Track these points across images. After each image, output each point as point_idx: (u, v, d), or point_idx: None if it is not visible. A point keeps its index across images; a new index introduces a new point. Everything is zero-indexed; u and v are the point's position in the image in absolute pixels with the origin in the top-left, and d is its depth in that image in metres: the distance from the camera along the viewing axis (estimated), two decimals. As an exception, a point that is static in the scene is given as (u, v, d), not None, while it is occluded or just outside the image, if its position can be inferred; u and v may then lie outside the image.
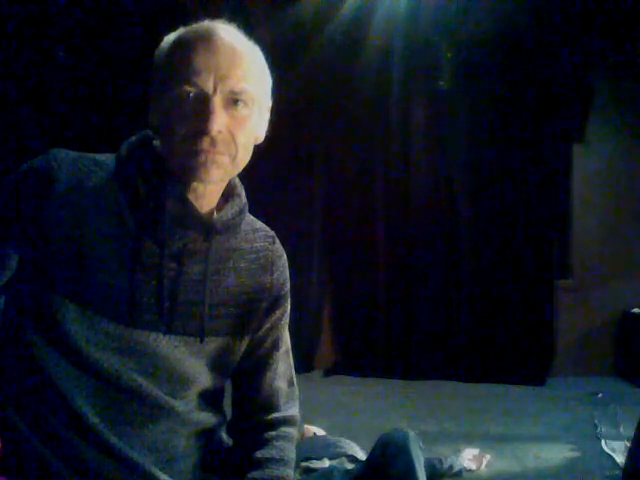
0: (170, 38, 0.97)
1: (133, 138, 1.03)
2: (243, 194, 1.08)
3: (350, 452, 2.26)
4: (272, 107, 1.05)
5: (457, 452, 2.75)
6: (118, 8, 4.05)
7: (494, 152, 4.64)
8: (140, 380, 0.95)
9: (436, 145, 4.72)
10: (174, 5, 3.96)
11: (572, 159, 4.75)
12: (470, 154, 4.67)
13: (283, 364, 1.15)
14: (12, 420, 0.93)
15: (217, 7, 3.84)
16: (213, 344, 1.03)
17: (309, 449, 2.34)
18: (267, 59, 1.01)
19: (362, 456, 2.24)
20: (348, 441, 2.47)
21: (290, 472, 1.08)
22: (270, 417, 1.12)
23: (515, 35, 4.45)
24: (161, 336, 0.97)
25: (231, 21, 0.98)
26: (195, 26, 0.96)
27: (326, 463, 2.18)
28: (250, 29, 1.03)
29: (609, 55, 4.59)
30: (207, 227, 1.00)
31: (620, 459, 2.79)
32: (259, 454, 1.07)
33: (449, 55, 4.54)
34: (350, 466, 2.09)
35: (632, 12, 4.24)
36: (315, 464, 2.16)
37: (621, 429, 3.21)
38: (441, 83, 4.58)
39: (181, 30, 0.97)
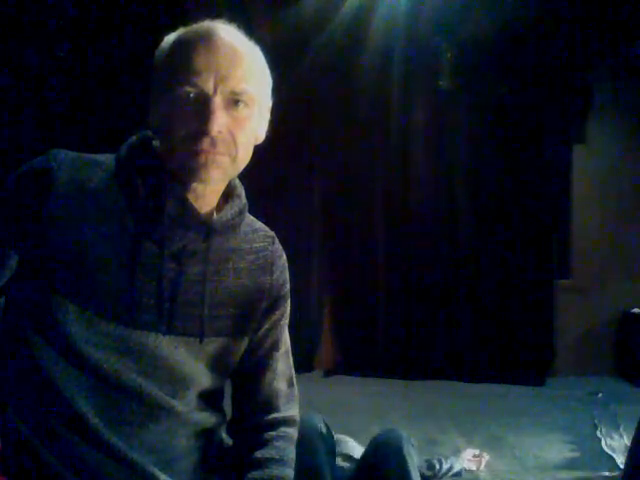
0: (170, 38, 0.97)
1: (133, 138, 1.03)
2: (243, 195, 1.08)
3: (345, 450, 2.24)
4: (272, 107, 1.05)
5: (457, 452, 2.75)
6: (118, 8, 4.05)
7: (494, 152, 4.64)
8: (140, 380, 0.95)
9: (436, 145, 4.72)
10: (174, 5, 3.95)
11: (572, 159, 4.75)
12: (470, 154, 4.67)
13: (283, 364, 1.15)
14: (12, 420, 0.93)
15: (217, 7, 3.84)
16: (213, 344, 1.03)
17: None
18: (267, 59, 1.01)
19: (358, 454, 2.23)
20: (347, 439, 2.45)
21: (290, 472, 1.08)
22: (270, 417, 1.12)
23: (515, 35, 4.44)
24: (161, 336, 0.97)
25: (231, 21, 0.98)
26: (195, 26, 0.96)
27: None
28: (250, 29, 1.03)
29: (609, 55, 4.59)
30: (207, 227, 0.99)
31: (620, 459, 2.79)
32: (259, 454, 1.07)
33: (449, 55, 4.54)
34: (343, 464, 2.07)
35: (632, 12, 4.24)
36: None
37: (621, 429, 3.21)
38: (441, 83, 4.58)
39: (181, 30, 0.97)
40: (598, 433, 3.20)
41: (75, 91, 4.10)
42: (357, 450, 2.31)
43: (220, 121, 0.91)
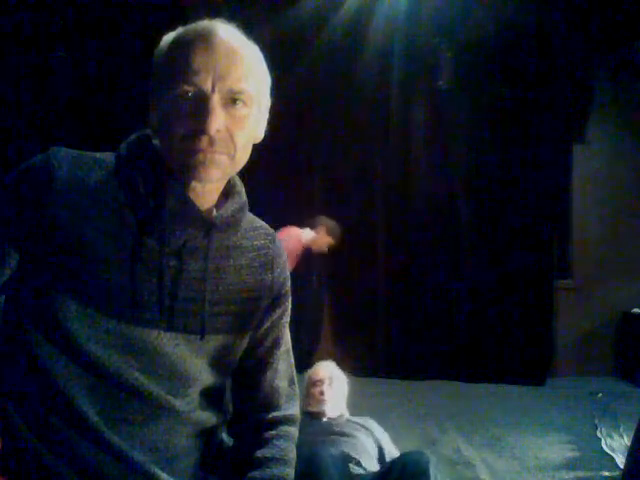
0: (169, 38, 0.97)
1: (133, 137, 1.03)
2: (243, 192, 1.08)
3: (353, 454, 2.11)
4: (272, 107, 1.05)
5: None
6: (118, 7, 4.05)
7: (494, 152, 4.65)
8: (141, 379, 0.95)
9: (436, 145, 4.72)
10: (174, 4, 3.95)
11: (572, 159, 4.75)
12: (470, 154, 4.67)
13: (284, 363, 1.15)
14: (12, 420, 0.92)
15: (217, 7, 3.84)
16: (214, 342, 1.03)
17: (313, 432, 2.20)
18: (267, 59, 1.01)
19: (367, 461, 2.11)
20: (359, 430, 2.32)
21: (291, 472, 1.08)
22: (270, 416, 1.12)
23: (515, 35, 4.45)
24: (162, 334, 0.97)
25: (231, 21, 0.98)
26: (194, 25, 0.96)
27: None
28: (250, 29, 1.03)
29: (609, 55, 4.59)
30: (207, 224, 1.00)
31: (620, 459, 2.79)
32: (259, 453, 1.07)
33: (449, 55, 4.54)
34: (357, 470, 2.01)
35: (632, 12, 4.24)
36: None
37: (621, 429, 3.21)
38: (441, 83, 4.58)
39: (180, 29, 0.97)
40: (598, 433, 3.20)
41: (75, 91, 4.10)
42: (367, 448, 2.22)
43: (218, 120, 0.91)
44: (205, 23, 0.96)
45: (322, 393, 2.51)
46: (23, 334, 0.94)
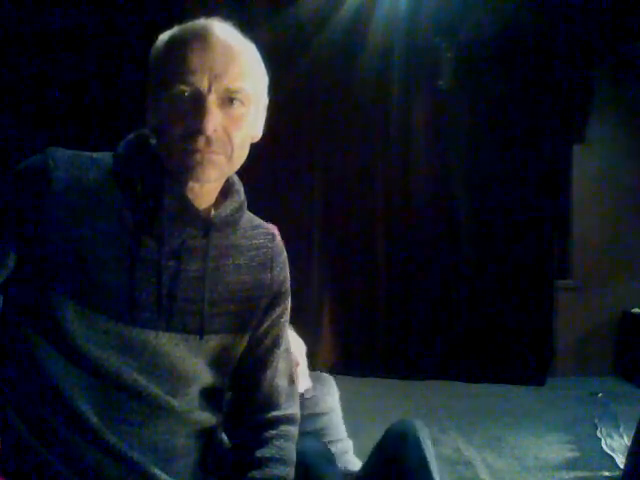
0: (165, 36, 0.96)
1: (130, 136, 1.02)
2: (242, 191, 1.08)
3: (344, 465, 2.01)
4: (272, 107, 1.05)
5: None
6: (117, 6, 4.05)
7: (494, 152, 4.64)
8: (140, 379, 0.95)
9: (436, 145, 4.72)
10: (174, 3, 3.96)
11: (572, 159, 4.75)
12: (470, 154, 4.67)
13: (283, 362, 1.14)
14: (12, 420, 0.92)
15: (216, 6, 3.84)
16: (213, 342, 1.02)
17: None
18: (267, 59, 1.01)
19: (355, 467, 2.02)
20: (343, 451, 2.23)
21: (290, 471, 1.08)
22: (270, 415, 1.11)
23: (515, 35, 4.45)
24: (161, 334, 0.96)
25: (228, 20, 0.98)
26: (190, 24, 0.95)
27: None
28: (250, 29, 1.02)
29: (609, 54, 4.59)
30: (205, 224, 0.99)
31: (620, 459, 2.79)
32: (259, 453, 1.07)
33: (449, 55, 4.54)
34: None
35: (632, 11, 4.24)
36: None
37: (621, 429, 3.21)
38: (441, 83, 4.58)
39: (176, 28, 0.96)
40: (598, 433, 3.20)
41: (75, 90, 4.10)
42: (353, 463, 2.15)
43: (215, 120, 0.90)
44: (202, 22, 0.95)
45: None
46: (22, 335, 0.93)
